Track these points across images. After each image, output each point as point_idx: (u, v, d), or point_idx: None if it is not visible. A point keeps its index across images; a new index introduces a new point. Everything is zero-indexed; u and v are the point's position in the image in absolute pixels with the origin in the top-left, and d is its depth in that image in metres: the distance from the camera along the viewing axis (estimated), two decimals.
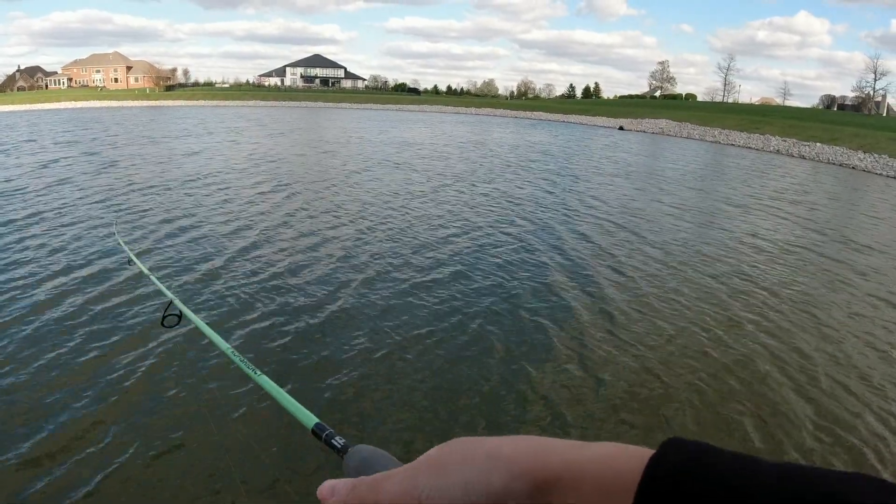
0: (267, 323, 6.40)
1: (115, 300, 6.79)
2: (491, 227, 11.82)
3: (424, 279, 8.14)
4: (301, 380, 5.24)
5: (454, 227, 11.54)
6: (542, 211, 13.80)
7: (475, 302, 7.38)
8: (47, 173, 16.79)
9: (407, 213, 12.74)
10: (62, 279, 7.46)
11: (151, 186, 14.82)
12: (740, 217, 14.44)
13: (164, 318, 2.21)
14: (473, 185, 17.32)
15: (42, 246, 9.01)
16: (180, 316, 2.19)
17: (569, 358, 5.96)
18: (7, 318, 6.26)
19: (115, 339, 5.86)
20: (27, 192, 13.64)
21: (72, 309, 6.53)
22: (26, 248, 8.91)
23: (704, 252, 10.58)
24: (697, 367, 5.97)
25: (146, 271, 2.97)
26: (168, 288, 2.46)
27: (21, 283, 7.35)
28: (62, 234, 9.64)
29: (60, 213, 11.29)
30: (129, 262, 3.31)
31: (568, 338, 6.48)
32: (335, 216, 12.06)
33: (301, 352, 5.79)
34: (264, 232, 10.46)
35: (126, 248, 3.60)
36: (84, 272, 7.76)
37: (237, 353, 1.42)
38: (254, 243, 9.65)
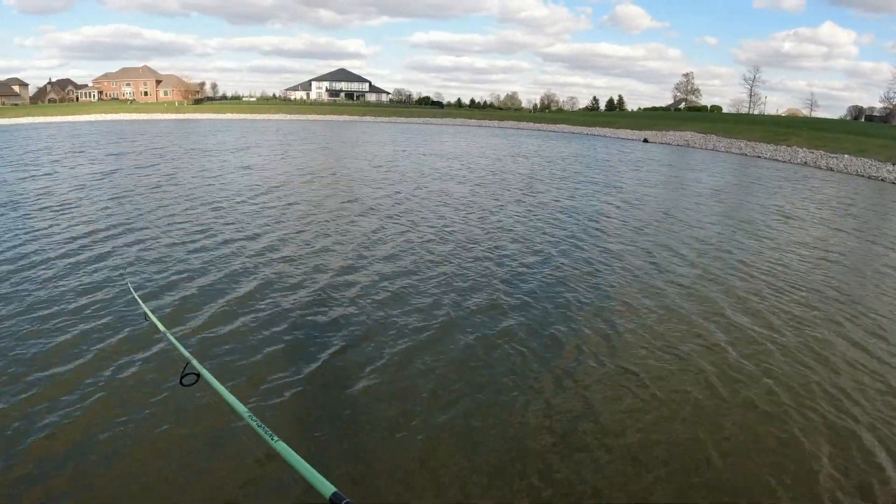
0: (285, 382, 5.96)
1: (129, 356, 6.38)
2: (532, 249, 12.03)
3: (459, 334, 7.27)
4: (318, 445, 4.89)
5: (507, 257, 10.91)
6: (600, 222, 14.30)
7: (511, 355, 6.69)
8: (97, 186, 17.52)
9: (460, 240, 12.02)
10: (70, 331, 6.97)
11: (193, 215, 14.71)
12: (798, 229, 14.70)
13: (182, 377, 2.30)
14: (530, 195, 17.97)
15: (57, 287, 8.49)
16: (198, 375, 2.26)
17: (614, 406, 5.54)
18: (16, 367, 6.04)
19: (126, 396, 5.58)
20: (52, 208, 14.13)
21: (81, 361, 6.23)
22: (37, 280, 8.67)
23: (768, 264, 10.91)
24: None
25: (162, 328, 2.99)
26: (185, 345, 2.51)
27: (24, 326, 7.05)
28: (74, 279, 8.90)
29: (73, 254, 10.22)
30: (145, 317, 3.30)
31: (614, 376, 6.13)
32: (379, 253, 10.85)
33: (320, 415, 5.41)
34: (302, 273, 9.47)
35: (142, 303, 3.56)
36: (94, 326, 7.15)
37: (254, 418, 1.56)
38: (287, 288, 8.73)
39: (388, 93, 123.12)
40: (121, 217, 12.93)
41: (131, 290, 4.72)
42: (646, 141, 54.00)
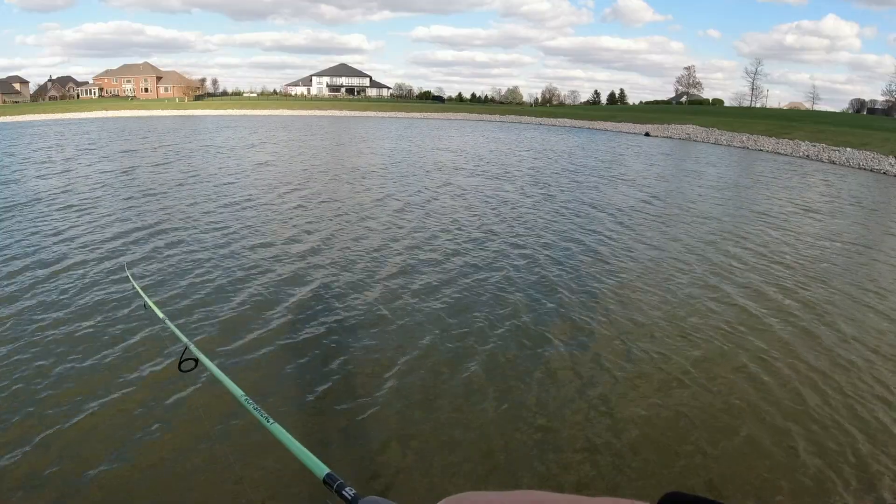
0: (282, 367, 6.18)
1: (129, 344, 6.56)
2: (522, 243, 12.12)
3: (448, 321, 7.47)
4: (313, 427, 5.08)
5: (490, 247, 11.44)
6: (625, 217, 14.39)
7: (501, 341, 6.88)
8: (119, 184, 17.67)
9: (449, 233, 12.50)
10: (74, 321, 7.17)
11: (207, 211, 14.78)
12: (816, 221, 15.06)
13: (180, 363, 2.30)
14: (551, 188, 17.97)
15: (58, 277, 8.75)
16: (196, 361, 2.27)
17: (600, 398, 5.65)
18: (17, 357, 6.15)
19: (127, 383, 5.70)
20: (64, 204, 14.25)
21: (83, 350, 6.39)
22: (39, 271, 8.93)
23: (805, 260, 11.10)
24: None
25: (161, 315, 3.00)
26: (183, 331, 2.55)
27: (29, 315, 7.27)
28: (77, 271, 9.14)
29: (76, 244, 10.60)
30: (145, 306, 3.33)
31: (602, 369, 6.22)
32: (383, 242, 11.21)
33: (315, 399, 5.56)
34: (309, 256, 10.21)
35: (141, 291, 3.61)
36: (97, 316, 7.38)
37: (251, 401, 1.57)
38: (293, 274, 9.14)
39: (388, 88, 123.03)
40: (140, 215, 12.97)
41: (131, 279, 4.83)
42: (647, 135, 54.09)
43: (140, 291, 3.65)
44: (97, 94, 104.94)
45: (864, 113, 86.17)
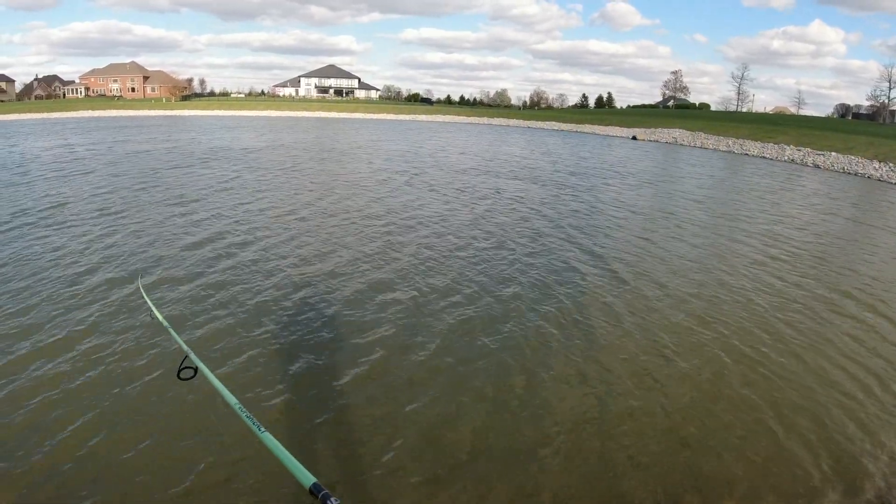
0: (283, 379, 6.06)
1: (131, 350, 6.43)
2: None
3: (443, 332, 7.30)
4: (303, 437, 5.04)
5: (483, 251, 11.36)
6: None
7: (492, 351, 6.79)
8: (154, 186, 17.34)
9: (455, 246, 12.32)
10: (79, 326, 7.03)
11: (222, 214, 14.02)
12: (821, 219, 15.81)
13: (179, 370, 2.35)
14: (571, 191, 17.99)
15: (64, 281, 8.55)
16: (195, 370, 2.30)
17: (589, 408, 5.59)
18: (17, 355, 6.17)
19: (127, 387, 5.67)
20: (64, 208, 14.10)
21: (85, 354, 6.33)
22: (45, 277, 8.68)
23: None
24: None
25: (165, 323, 3.04)
26: (184, 339, 2.60)
27: (34, 317, 7.16)
28: (87, 274, 8.96)
29: (88, 252, 10.13)
30: (150, 313, 3.48)
31: (595, 379, 6.14)
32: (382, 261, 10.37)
33: (308, 410, 5.47)
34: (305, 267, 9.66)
35: (148, 299, 3.66)
36: (103, 319, 7.24)
37: (244, 410, 1.65)
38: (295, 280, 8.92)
39: (377, 89, 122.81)
40: (165, 221, 12.38)
41: (140, 286, 4.83)
42: (635, 138, 54.29)
43: (147, 299, 3.70)
44: (83, 94, 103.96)
45: (849, 118, 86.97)
